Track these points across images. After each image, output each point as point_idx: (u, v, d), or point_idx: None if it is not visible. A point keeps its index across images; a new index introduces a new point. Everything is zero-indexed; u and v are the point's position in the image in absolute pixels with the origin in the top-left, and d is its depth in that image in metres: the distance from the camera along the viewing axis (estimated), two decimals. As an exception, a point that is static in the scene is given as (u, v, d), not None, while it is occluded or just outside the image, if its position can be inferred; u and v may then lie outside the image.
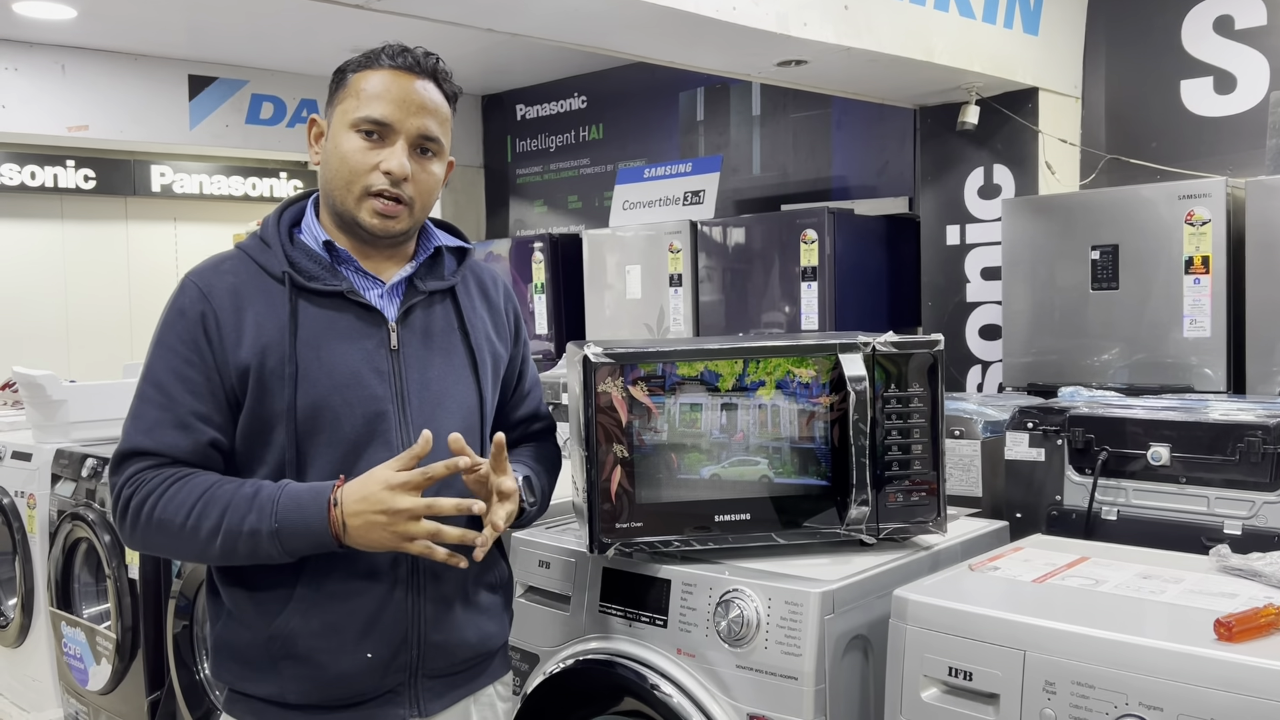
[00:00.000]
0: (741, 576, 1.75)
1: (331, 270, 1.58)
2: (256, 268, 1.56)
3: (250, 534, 1.44)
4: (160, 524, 1.47)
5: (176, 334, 1.52)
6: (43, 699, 3.72)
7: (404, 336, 1.60)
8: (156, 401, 1.51)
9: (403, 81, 1.55)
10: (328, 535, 1.44)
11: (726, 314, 4.60)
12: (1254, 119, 3.73)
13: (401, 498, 1.43)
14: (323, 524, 1.44)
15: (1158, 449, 2.07)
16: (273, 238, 1.58)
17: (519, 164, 7.09)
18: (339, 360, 1.54)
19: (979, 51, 3.73)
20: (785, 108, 5.49)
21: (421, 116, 1.56)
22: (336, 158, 1.56)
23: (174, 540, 1.49)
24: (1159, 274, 3.37)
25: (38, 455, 3.63)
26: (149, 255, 7.73)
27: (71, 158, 7.26)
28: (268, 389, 1.51)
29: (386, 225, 1.56)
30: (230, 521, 1.45)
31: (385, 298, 1.61)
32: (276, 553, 1.46)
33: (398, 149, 1.54)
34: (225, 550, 1.46)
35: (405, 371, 1.58)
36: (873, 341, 1.84)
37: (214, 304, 1.52)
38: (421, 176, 1.57)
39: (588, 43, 3.32)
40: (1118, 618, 1.49)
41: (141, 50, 5.89)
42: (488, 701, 1.71)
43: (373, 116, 1.53)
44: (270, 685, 1.54)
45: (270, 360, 1.51)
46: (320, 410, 1.51)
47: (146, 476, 1.49)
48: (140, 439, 1.50)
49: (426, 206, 1.61)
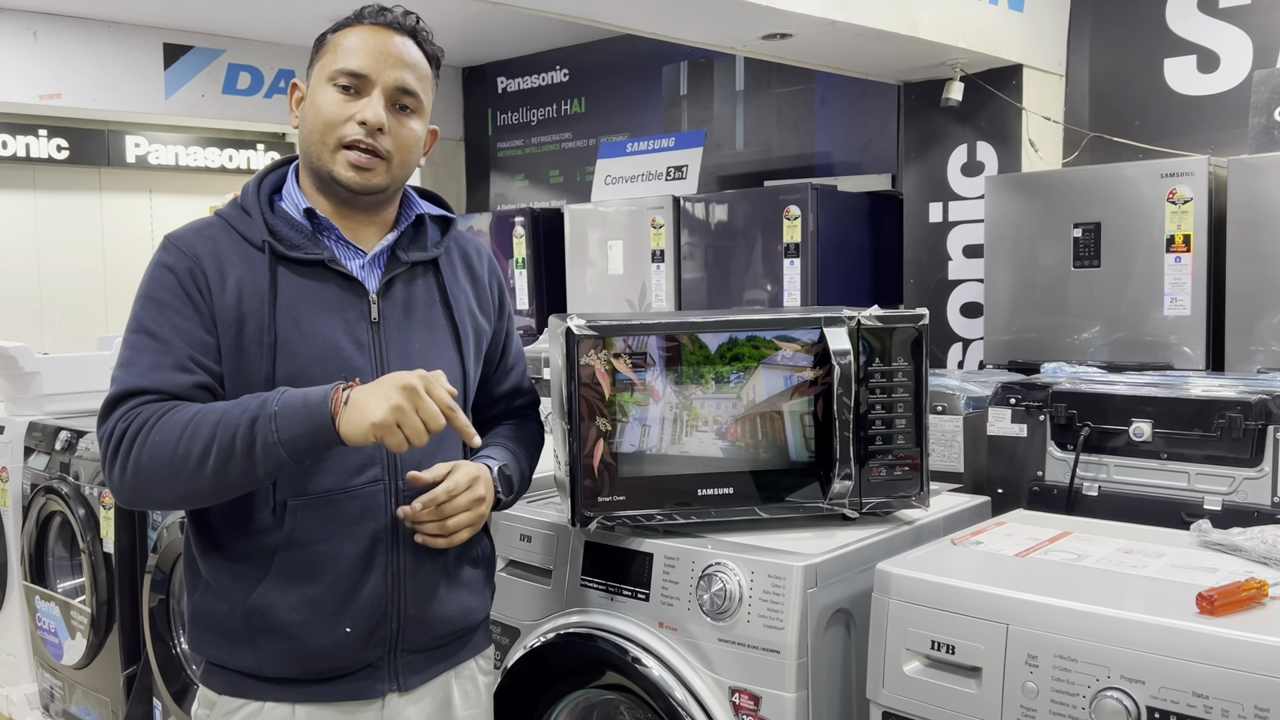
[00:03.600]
0: (724, 550, 1.74)
1: (313, 239, 1.55)
2: (236, 235, 1.53)
3: (248, 425, 1.36)
4: (153, 448, 1.39)
5: (165, 288, 1.48)
6: (17, 674, 3.69)
7: (385, 309, 1.57)
8: (152, 349, 1.45)
9: (380, 36, 1.54)
10: (326, 414, 1.36)
11: (709, 290, 4.59)
12: (1237, 98, 3.73)
13: (414, 379, 1.36)
14: (324, 402, 1.37)
15: (1139, 425, 2.08)
16: (253, 205, 1.55)
17: (500, 137, 7.02)
18: (318, 331, 1.51)
19: (964, 27, 3.71)
20: (769, 83, 5.46)
21: (398, 69, 1.53)
22: (313, 111, 1.54)
23: (165, 466, 1.39)
24: (1140, 252, 3.38)
25: (10, 428, 3.58)
26: (124, 227, 7.63)
27: (44, 127, 7.14)
28: (246, 355, 1.48)
29: (364, 178, 1.53)
30: (226, 421, 1.38)
31: (366, 269, 1.58)
32: (272, 440, 1.36)
33: (374, 99, 1.52)
34: (219, 462, 1.37)
35: (386, 344, 1.56)
36: (858, 315, 1.83)
37: (199, 261, 1.49)
38: (400, 131, 1.55)
39: (570, 12, 3.28)
40: (1100, 592, 1.49)
41: (115, 17, 5.78)
42: (469, 676, 1.70)
43: (348, 68, 1.51)
44: (247, 658, 1.52)
45: (250, 328, 1.48)
46: (299, 381, 1.48)
47: (141, 410, 1.41)
48: (137, 379, 1.43)
49: (406, 164, 1.58)
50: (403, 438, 1.37)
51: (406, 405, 1.36)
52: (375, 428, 1.35)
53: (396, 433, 1.36)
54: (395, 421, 1.35)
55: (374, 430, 1.36)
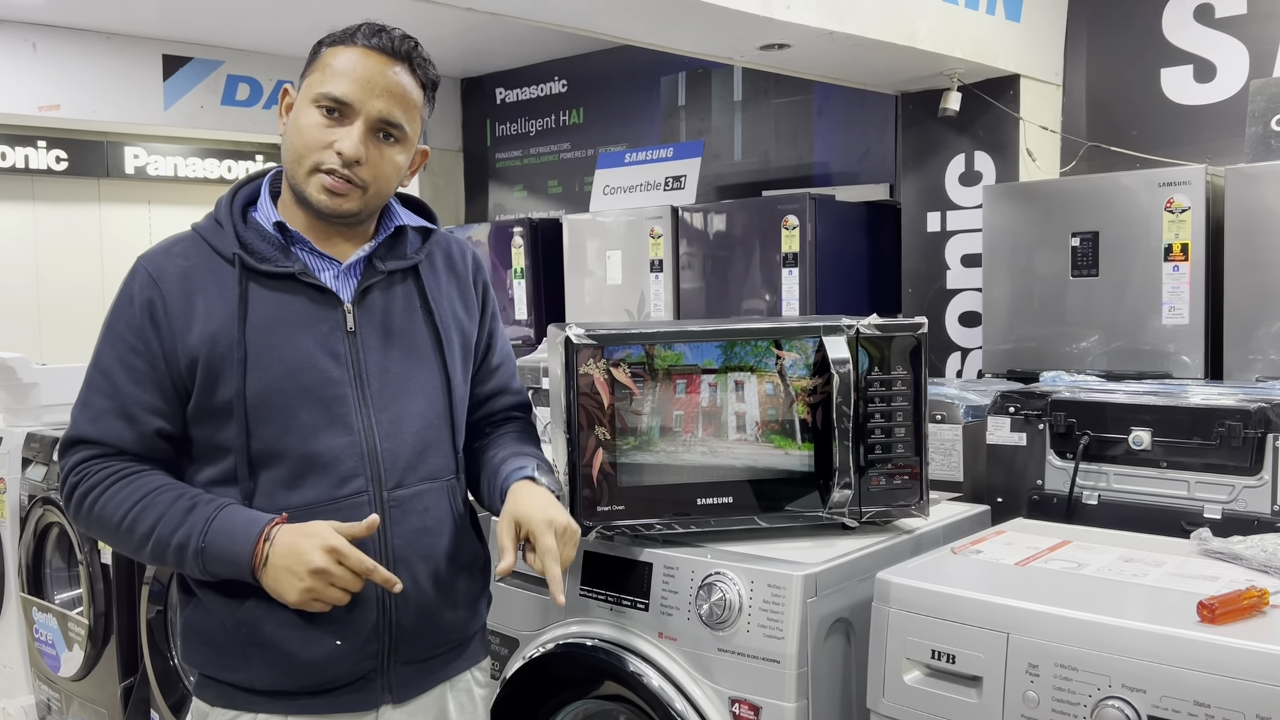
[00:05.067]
0: (723, 559, 1.74)
1: (284, 251, 1.54)
2: (209, 250, 1.53)
3: (178, 548, 1.45)
4: (99, 519, 1.49)
5: (124, 321, 1.50)
6: (14, 686, 3.68)
7: (361, 318, 1.55)
8: (103, 390, 1.50)
9: (372, 62, 1.50)
10: (248, 567, 1.44)
11: (707, 300, 4.59)
12: (1233, 107, 3.74)
13: (329, 560, 1.41)
14: (247, 557, 1.43)
15: (1139, 433, 2.08)
16: (225, 217, 1.55)
17: (498, 148, 7.03)
18: (291, 345, 1.50)
19: (961, 37, 3.73)
20: (767, 93, 5.48)
21: (385, 100, 1.50)
22: (294, 130, 1.52)
23: (111, 536, 1.51)
24: (1138, 261, 3.38)
25: (8, 439, 3.57)
26: (123, 238, 7.63)
27: (43, 138, 7.15)
28: (219, 375, 1.48)
29: (336, 203, 1.51)
30: (161, 531, 1.46)
31: (341, 279, 1.56)
32: (198, 571, 1.46)
33: (354, 130, 1.48)
34: (155, 555, 1.47)
35: (363, 354, 1.54)
36: (856, 324, 1.83)
37: (163, 289, 1.49)
38: (378, 161, 1.52)
39: (568, 23, 3.29)
40: (1100, 600, 1.49)
41: (114, 29, 5.79)
42: (464, 688, 1.68)
43: (333, 94, 1.48)
44: (239, 672, 1.51)
45: (220, 346, 1.48)
46: (272, 396, 1.48)
47: (92, 468, 1.48)
48: (86, 428, 1.50)
49: (382, 192, 1.56)
50: (326, 604, 1.44)
51: (318, 586, 1.42)
52: (295, 604, 1.44)
53: (316, 605, 1.44)
54: (311, 599, 1.43)
55: (295, 605, 1.44)
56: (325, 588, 1.42)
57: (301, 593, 1.41)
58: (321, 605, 1.44)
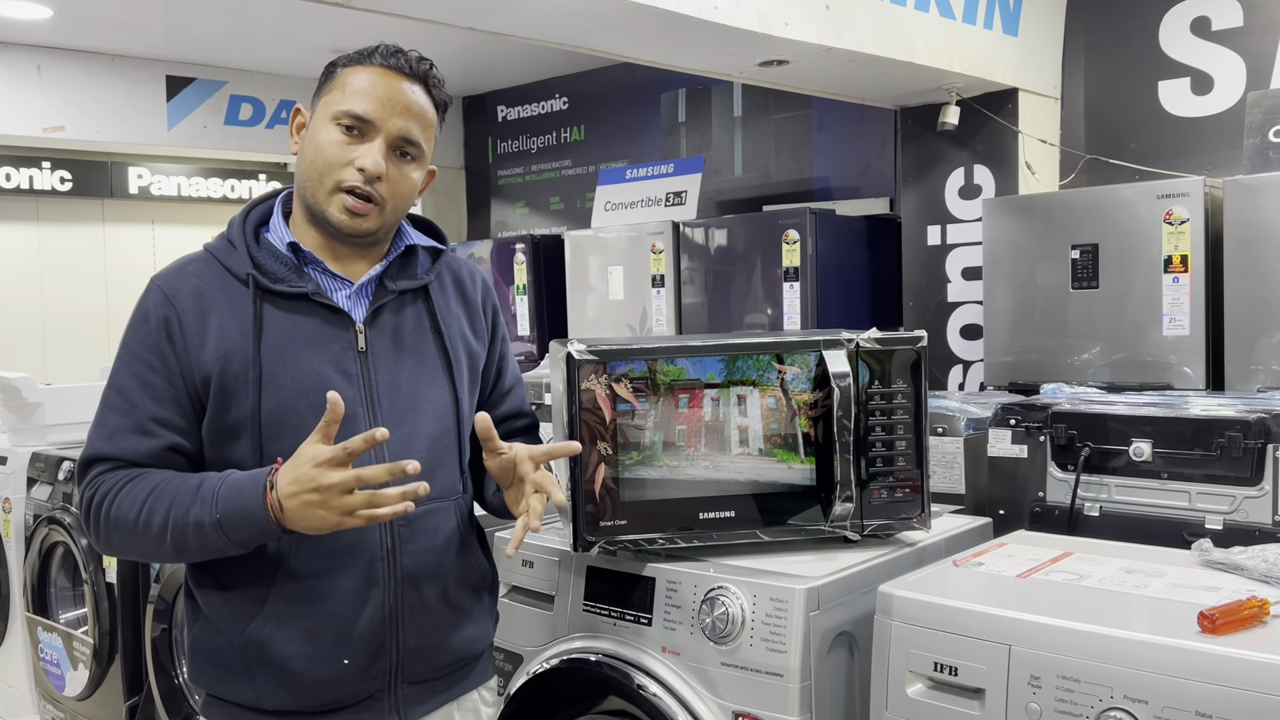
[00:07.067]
0: (726, 574, 1.74)
1: (297, 271, 1.55)
2: (222, 270, 1.54)
3: (195, 526, 1.40)
4: (116, 523, 1.45)
5: (140, 339, 1.50)
6: (19, 706, 3.68)
7: (372, 338, 1.57)
8: (119, 408, 1.49)
9: (390, 81, 1.53)
10: (269, 521, 1.38)
11: (709, 315, 4.60)
12: (1231, 119, 3.75)
13: (330, 473, 1.35)
14: (261, 509, 1.38)
15: (1140, 445, 2.08)
16: (238, 238, 1.56)
17: (500, 165, 7.06)
18: (304, 364, 1.51)
19: (959, 52, 3.75)
20: (767, 109, 5.50)
21: (404, 118, 1.53)
22: (313, 148, 1.53)
23: (130, 539, 1.46)
24: (1138, 273, 3.39)
25: (13, 459, 3.58)
26: (126, 257, 7.66)
27: (47, 159, 7.19)
28: (232, 394, 1.48)
29: (355, 223, 1.53)
30: (176, 515, 1.41)
31: (353, 299, 1.58)
32: (224, 544, 1.41)
33: (375, 147, 1.51)
34: (177, 545, 1.42)
35: (374, 374, 1.55)
36: (856, 338, 1.84)
37: (178, 308, 1.50)
38: (397, 179, 1.54)
39: (569, 42, 3.31)
40: (1102, 612, 1.49)
41: (118, 50, 5.83)
42: (472, 707, 1.69)
43: (354, 111, 1.51)
44: (246, 691, 1.52)
45: (234, 365, 1.48)
46: (285, 415, 1.49)
47: (106, 478, 1.47)
48: (101, 445, 1.49)
49: (399, 210, 1.58)
50: (365, 518, 1.37)
51: (343, 501, 1.35)
52: (338, 527, 1.37)
53: (355, 521, 1.37)
54: (346, 516, 1.36)
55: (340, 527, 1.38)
56: (343, 497, 1.35)
57: (332, 512, 1.35)
58: (358, 520, 1.36)
